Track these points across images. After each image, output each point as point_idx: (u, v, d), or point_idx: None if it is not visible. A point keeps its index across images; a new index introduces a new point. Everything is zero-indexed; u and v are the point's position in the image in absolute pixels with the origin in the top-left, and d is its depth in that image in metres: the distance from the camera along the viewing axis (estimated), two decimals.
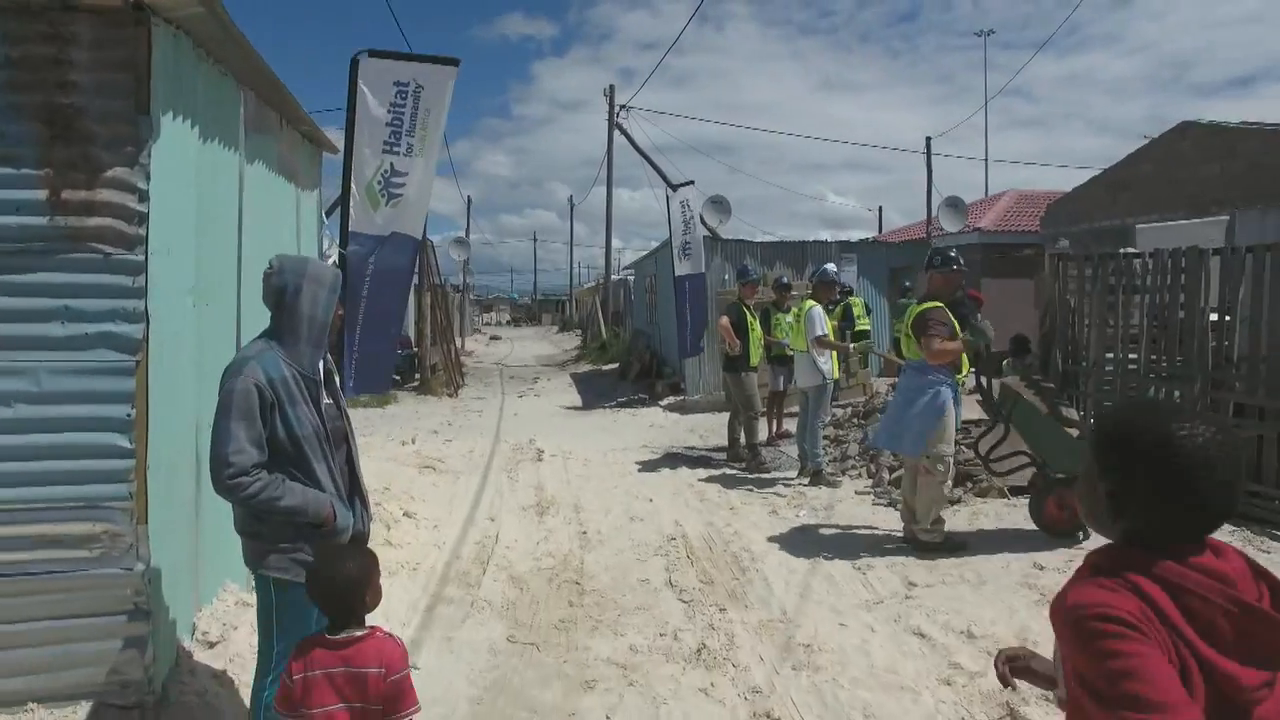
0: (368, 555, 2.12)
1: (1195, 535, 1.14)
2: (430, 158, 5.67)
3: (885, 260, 14.62)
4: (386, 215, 5.36)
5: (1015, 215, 18.72)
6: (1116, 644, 1.04)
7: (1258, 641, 1.06)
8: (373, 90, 5.54)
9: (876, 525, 5.86)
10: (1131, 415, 1.21)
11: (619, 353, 19.66)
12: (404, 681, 2.00)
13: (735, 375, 7.93)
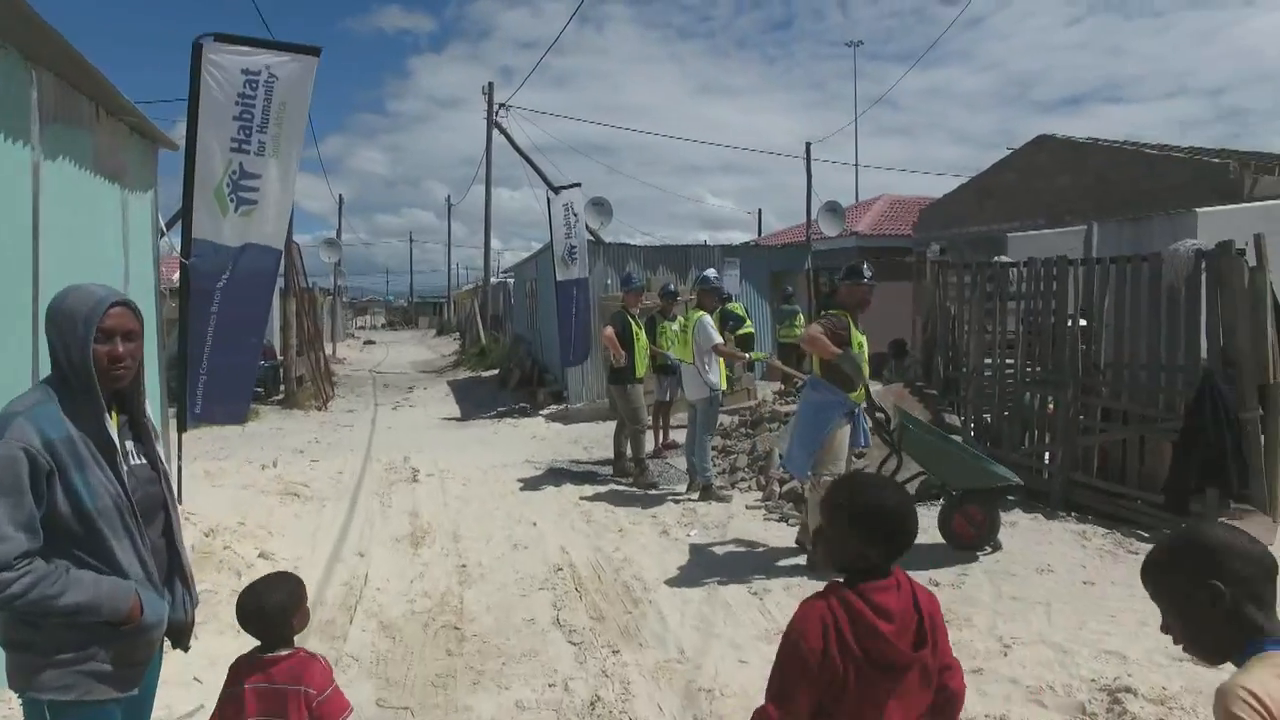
0: (295, 582, 2.26)
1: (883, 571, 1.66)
2: (289, 159, 5.09)
3: (767, 264, 14.74)
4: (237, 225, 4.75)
5: (889, 219, 19.39)
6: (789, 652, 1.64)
7: (884, 653, 1.58)
8: (218, 80, 4.92)
9: (769, 542, 5.70)
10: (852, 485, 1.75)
11: (499, 359, 19.08)
12: (332, 698, 2.15)
13: (620, 387, 7.65)
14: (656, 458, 8.41)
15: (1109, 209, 12.19)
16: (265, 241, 4.76)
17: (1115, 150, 12.62)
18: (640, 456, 7.60)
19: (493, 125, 21.42)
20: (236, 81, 4.94)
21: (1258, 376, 5.28)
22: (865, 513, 1.64)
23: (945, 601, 4.44)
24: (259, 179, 4.98)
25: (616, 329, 7.64)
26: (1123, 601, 4.34)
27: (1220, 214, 6.87)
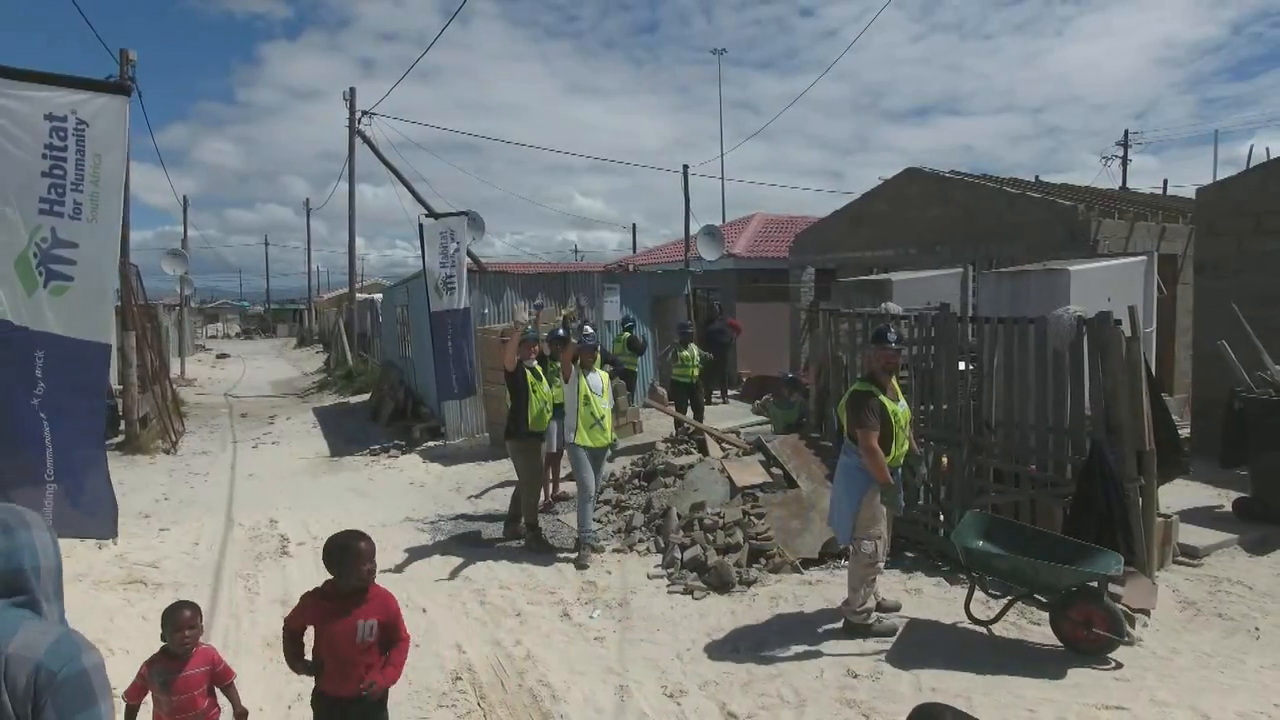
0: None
1: None
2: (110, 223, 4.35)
3: (647, 290, 14.58)
4: (51, 306, 4.01)
5: (765, 241, 19.72)
6: None
7: None
8: (18, 127, 4.15)
9: (676, 622, 5.45)
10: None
11: (368, 383, 18.06)
12: None
13: (514, 443, 7.20)
14: (546, 512, 8.03)
15: (975, 239, 12.78)
16: (86, 334, 4.05)
17: (978, 186, 13.26)
18: (533, 521, 7.18)
19: (355, 134, 20.28)
20: (42, 130, 4.17)
21: (1136, 444, 5.50)
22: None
23: (865, 698, 4.36)
24: (76, 248, 4.23)
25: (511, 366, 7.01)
26: (1037, 690, 4.36)
27: (1088, 272, 7.20)
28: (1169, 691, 4.26)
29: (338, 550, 3.12)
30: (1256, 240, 9.56)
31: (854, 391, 5.10)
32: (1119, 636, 4.59)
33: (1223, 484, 7.65)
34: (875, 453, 4.80)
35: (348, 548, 3.10)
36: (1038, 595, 4.87)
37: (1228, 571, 6.01)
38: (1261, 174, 9.88)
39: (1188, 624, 5.20)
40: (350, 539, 3.14)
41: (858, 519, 4.95)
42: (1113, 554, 4.77)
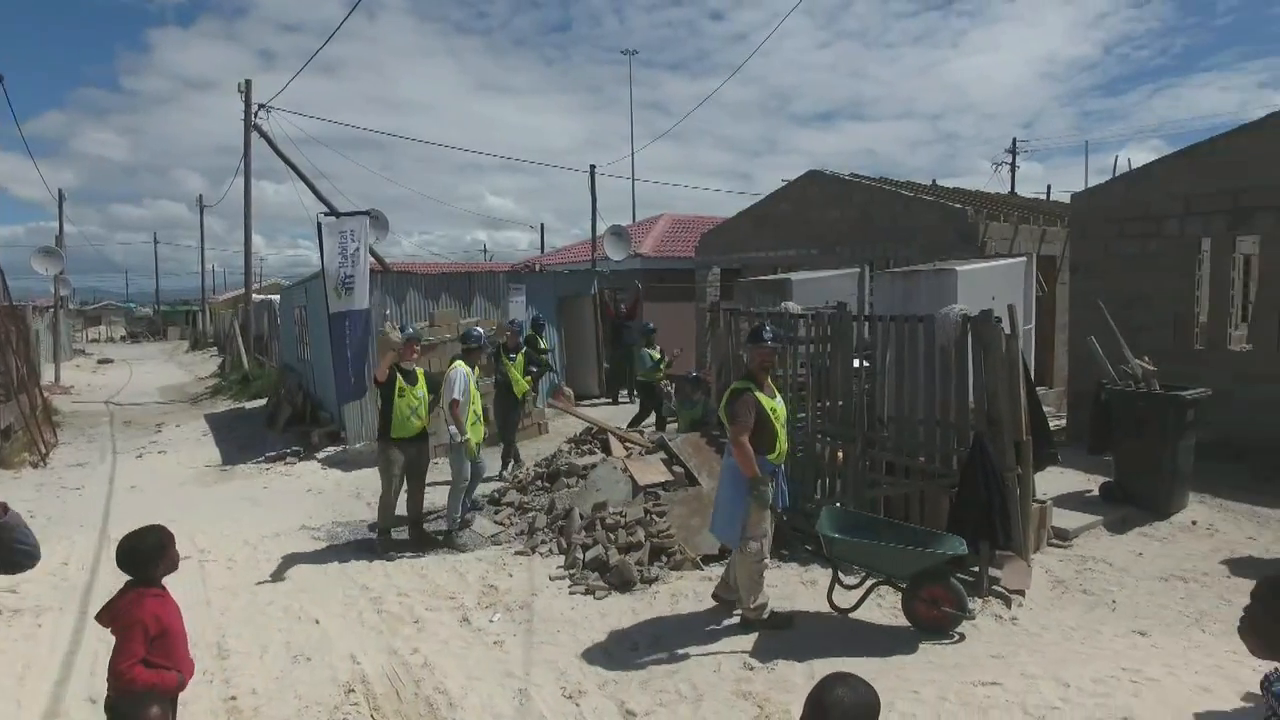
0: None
1: None
2: None
3: (553, 290, 14.50)
4: None
5: (672, 241, 19.89)
6: None
7: None
8: None
9: (577, 623, 5.44)
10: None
11: (265, 388, 17.36)
12: None
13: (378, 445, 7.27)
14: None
15: (873, 240, 13.23)
16: None
17: (876, 189, 13.72)
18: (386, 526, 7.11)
19: (251, 128, 19.46)
20: None
21: (1015, 435, 5.80)
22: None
23: (760, 689, 4.45)
24: None
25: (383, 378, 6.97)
26: (922, 672, 4.54)
27: (974, 272, 7.55)
28: (1037, 665, 4.52)
29: (133, 549, 3.16)
30: (1120, 244, 10.22)
31: (732, 389, 5.21)
32: (964, 612, 4.93)
33: (1092, 470, 8.15)
34: (744, 447, 4.92)
35: (147, 545, 3.17)
36: (892, 580, 5.16)
37: (1093, 551, 6.42)
38: (1124, 183, 10.58)
39: (1057, 601, 5.52)
40: (143, 535, 3.20)
41: (748, 519, 5.02)
42: (955, 537, 5.15)
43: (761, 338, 5.23)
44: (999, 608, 5.41)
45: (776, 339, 5.38)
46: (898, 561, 5.03)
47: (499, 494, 8.26)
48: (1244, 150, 9.29)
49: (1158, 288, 9.87)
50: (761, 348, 5.21)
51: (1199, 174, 9.60)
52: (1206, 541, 6.73)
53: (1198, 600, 5.54)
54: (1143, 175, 10.41)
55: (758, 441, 5.02)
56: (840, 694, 1.87)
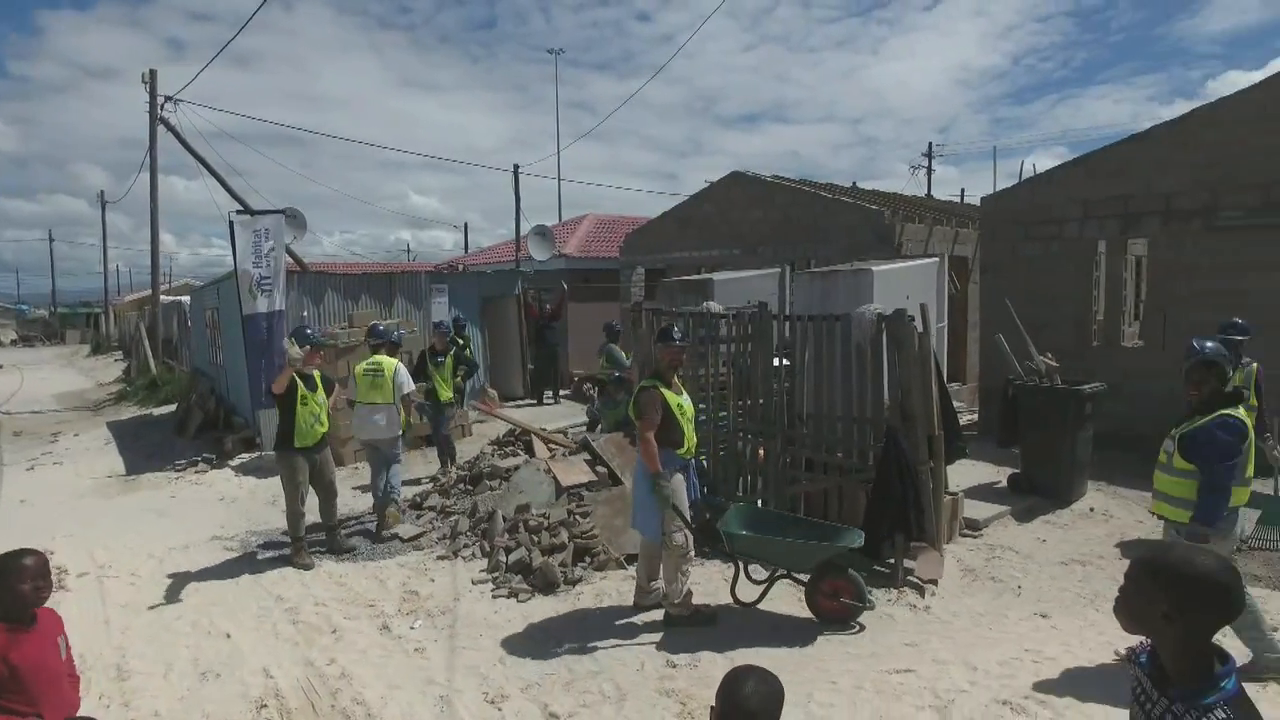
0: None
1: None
2: None
3: (477, 290, 14.33)
4: None
5: (596, 241, 19.87)
6: None
7: None
8: None
9: (500, 627, 5.38)
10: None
11: (174, 393, 16.64)
12: None
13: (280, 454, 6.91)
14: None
15: (795, 241, 13.49)
16: None
17: (797, 190, 14.00)
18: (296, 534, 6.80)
19: (156, 122, 18.60)
20: None
21: (927, 430, 6.00)
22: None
23: (683, 685, 4.49)
24: None
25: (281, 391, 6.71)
26: (840, 663, 4.65)
27: (890, 272, 7.78)
28: (948, 651, 4.69)
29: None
30: (1026, 245, 10.69)
31: (640, 387, 5.29)
32: (863, 603, 5.11)
33: (1001, 462, 8.50)
34: (648, 442, 5.02)
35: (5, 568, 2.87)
36: (794, 574, 5.28)
37: (1001, 539, 6.70)
38: (1029, 188, 11.07)
39: (967, 588, 5.73)
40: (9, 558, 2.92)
41: (664, 514, 5.09)
42: (854, 530, 5.33)
43: (670, 337, 5.32)
44: (913, 597, 5.59)
45: (685, 338, 5.47)
46: (793, 555, 5.18)
47: (421, 498, 8.11)
48: (1131, 159, 9.83)
49: (1059, 288, 10.36)
50: (670, 347, 5.30)
51: (1093, 180, 10.12)
52: (1103, 527, 7.10)
53: (1093, 582, 5.85)
54: (1045, 180, 10.91)
55: (665, 437, 5.11)
56: (751, 687, 1.92)
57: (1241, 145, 9.02)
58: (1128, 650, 1.91)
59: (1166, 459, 4.47)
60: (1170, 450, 4.43)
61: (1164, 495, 4.47)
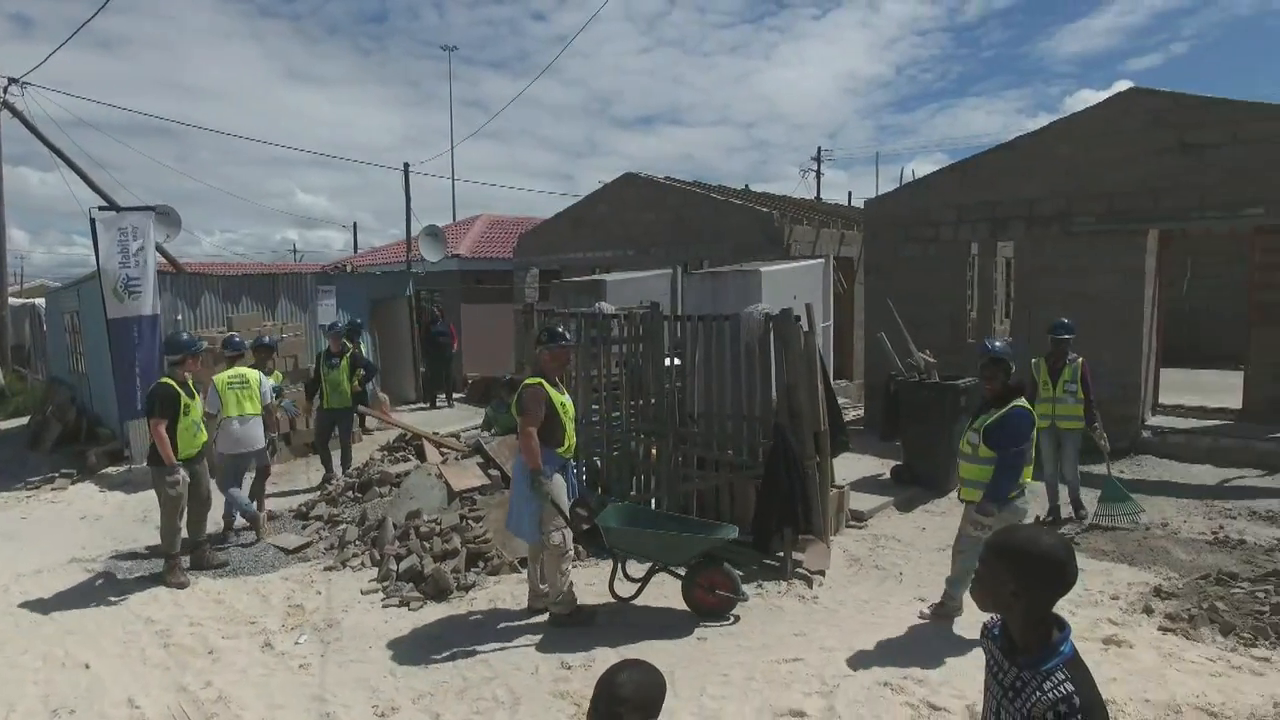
0: None
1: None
2: None
3: (366, 292, 13.88)
4: None
5: (490, 242, 19.59)
6: None
7: None
8: None
9: (391, 636, 5.23)
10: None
11: (27, 404, 15.39)
12: None
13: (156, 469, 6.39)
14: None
15: (687, 242, 13.69)
16: None
17: (689, 192, 14.20)
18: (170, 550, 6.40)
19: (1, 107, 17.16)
20: None
21: (813, 426, 6.20)
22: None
23: (577, 687, 4.47)
24: None
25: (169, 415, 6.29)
26: (731, 655, 4.74)
27: (777, 272, 8.00)
28: (835, 638, 4.87)
29: None
30: (906, 247, 11.21)
31: (524, 384, 5.27)
32: (738, 595, 5.23)
33: (885, 455, 8.88)
34: (530, 437, 5.02)
35: None
36: (671, 569, 5.37)
37: (885, 529, 7.00)
38: (909, 192, 11.60)
39: (854, 577, 5.96)
40: None
41: (542, 514, 5.08)
42: (728, 525, 5.46)
43: (555, 338, 5.33)
44: (802, 588, 5.76)
45: (569, 340, 5.49)
46: (668, 548, 5.27)
47: (307, 507, 7.80)
48: (999, 167, 10.47)
49: (937, 287, 10.91)
50: (555, 348, 5.30)
51: (966, 187, 10.71)
52: None
53: None
54: (923, 186, 11.46)
55: (547, 435, 5.11)
56: (625, 676, 1.96)
57: (1090, 158, 9.74)
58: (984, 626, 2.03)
59: (971, 450, 4.93)
60: (975, 442, 4.89)
61: (972, 482, 4.94)
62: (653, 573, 5.41)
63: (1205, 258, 16.50)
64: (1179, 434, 9.73)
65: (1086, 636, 4.92)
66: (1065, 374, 6.99)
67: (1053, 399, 7.01)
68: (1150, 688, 4.23)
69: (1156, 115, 9.43)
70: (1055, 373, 7.04)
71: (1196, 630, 4.90)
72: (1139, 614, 5.24)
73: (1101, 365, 9.44)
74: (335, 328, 9.63)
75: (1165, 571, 6.00)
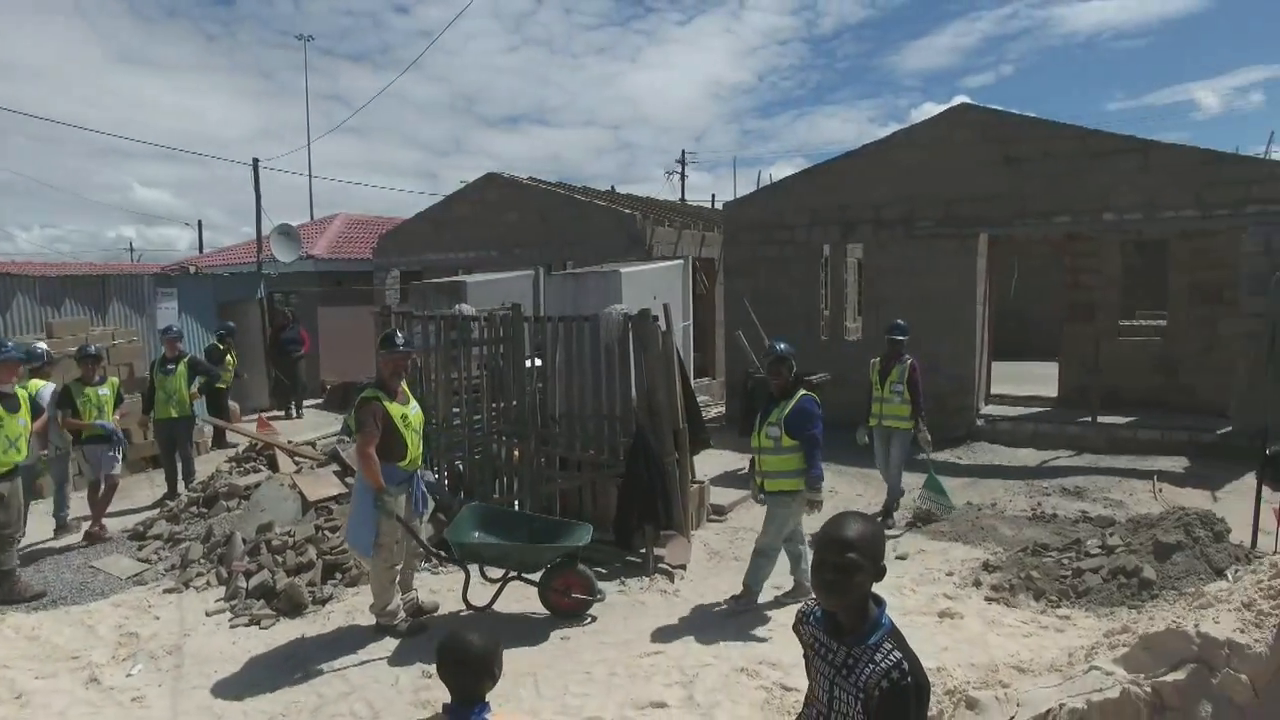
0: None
1: None
2: None
3: (212, 295, 13.08)
4: None
5: (348, 241, 18.87)
6: None
7: None
8: None
9: (239, 658, 4.96)
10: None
11: None
12: None
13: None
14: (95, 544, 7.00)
15: (551, 243, 13.67)
16: None
17: (553, 193, 14.20)
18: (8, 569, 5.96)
19: None
20: None
21: (672, 424, 6.35)
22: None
23: (439, 694, 4.40)
24: None
25: None
26: (594, 653, 4.80)
27: (638, 273, 8.13)
28: (696, 630, 5.04)
29: None
30: (764, 249, 11.65)
31: (360, 398, 5.04)
32: (594, 595, 5.28)
33: (745, 450, 9.17)
34: (368, 458, 4.85)
35: None
36: (524, 575, 5.35)
37: (744, 521, 7.26)
38: (766, 195, 12.07)
39: (714, 570, 6.15)
40: None
41: (380, 527, 4.93)
42: (584, 526, 5.46)
43: (393, 343, 5.10)
44: (664, 583, 5.90)
45: (409, 344, 5.29)
46: (521, 557, 5.25)
47: (144, 526, 7.26)
48: (848, 173, 11.07)
49: (792, 287, 11.40)
50: (393, 354, 5.08)
51: (819, 191, 11.25)
52: (830, 502, 7.87)
53: None
54: (779, 189, 11.95)
55: (387, 450, 4.95)
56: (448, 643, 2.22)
57: (928, 166, 10.47)
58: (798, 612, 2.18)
59: (773, 443, 5.25)
60: (776, 435, 5.22)
61: (775, 473, 5.29)
62: (507, 581, 5.38)
63: (1031, 261, 18.03)
64: (1007, 421, 10.61)
65: (925, 611, 5.30)
66: (893, 375, 7.15)
67: (881, 399, 7.22)
68: (975, 652, 4.60)
69: (983, 129, 10.24)
70: (885, 372, 7.23)
71: (1015, 598, 5.38)
72: (970, 587, 5.69)
73: (940, 360, 10.17)
74: (170, 331, 9.00)
75: (993, 547, 6.54)
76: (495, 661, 2.23)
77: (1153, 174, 9.38)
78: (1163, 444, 9.47)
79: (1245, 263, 9.12)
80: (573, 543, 5.26)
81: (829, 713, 2.00)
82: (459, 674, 2.18)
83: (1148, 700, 2.55)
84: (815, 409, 5.25)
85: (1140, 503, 7.72)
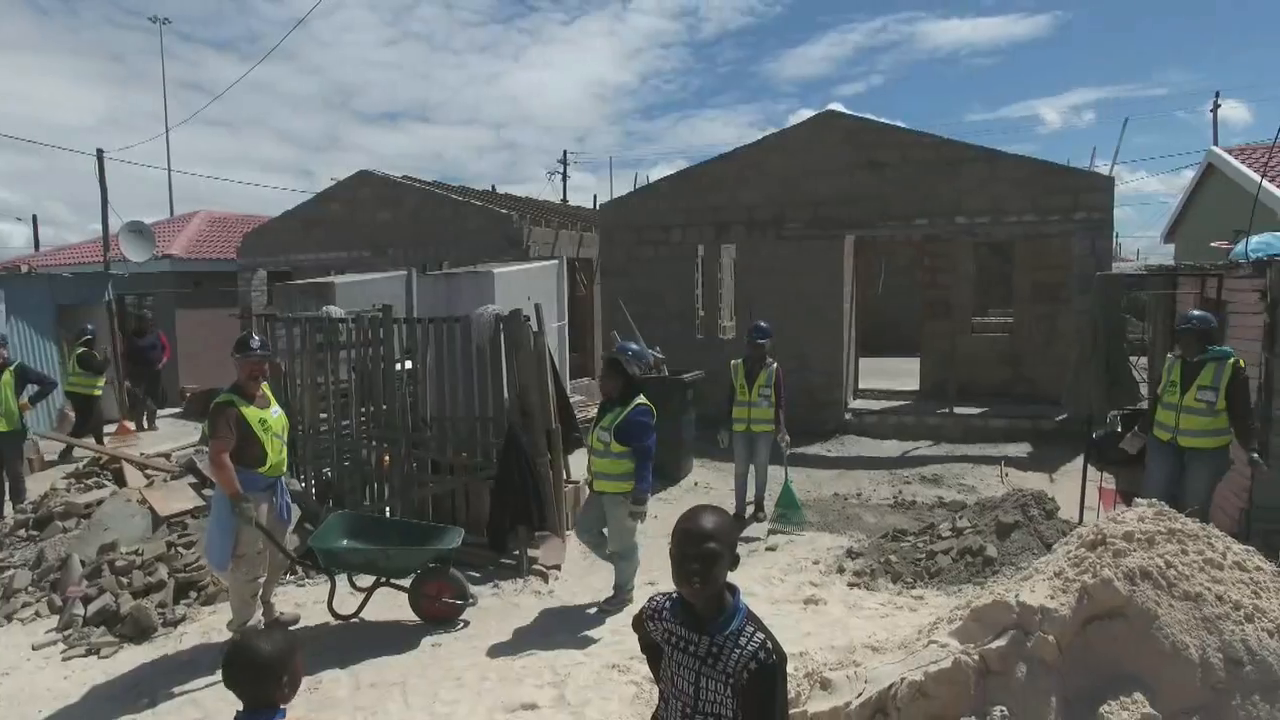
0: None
1: None
2: None
3: (50, 297, 12.06)
4: None
5: (209, 241, 17.84)
6: None
7: None
8: None
9: (70, 694, 4.59)
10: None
11: None
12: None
13: None
14: None
15: (425, 243, 13.36)
16: None
17: (428, 192, 13.87)
18: None
19: None
20: None
21: (545, 424, 6.33)
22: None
23: (304, 712, 4.22)
24: None
25: None
26: (466, 658, 4.72)
27: (511, 274, 8.05)
28: (568, 630, 5.03)
29: None
30: (640, 249, 11.78)
31: (214, 403, 4.87)
32: (465, 599, 5.22)
33: None
34: (223, 466, 4.69)
35: None
36: (394, 581, 5.24)
37: None
38: (641, 197, 12.20)
39: (589, 569, 6.16)
40: None
41: (239, 538, 4.74)
42: (454, 530, 5.37)
43: (249, 347, 4.92)
44: (538, 584, 5.87)
45: (266, 348, 5.08)
46: (389, 563, 5.13)
47: None
48: (722, 175, 11.33)
49: (668, 288, 11.57)
50: (249, 358, 4.90)
51: (693, 192, 11.46)
52: (704, 498, 8.08)
53: None
54: (653, 191, 12.10)
55: (244, 456, 4.77)
56: (246, 645, 2.16)
57: (798, 170, 10.86)
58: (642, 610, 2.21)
59: (604, 447, 5.32)
60: (606, 440, 5.29)
61: (605, 475, 5.32)
62: (375, 587, 5.24)
63: (897, 261, 18.99)
64: (873, 414, 11.13)
65: (791, 599, 5.49)
66: (760, 379, 7.16)
67: (749, 403, 7.20)
68: (836, 635, 4.81)
69: (849, 135, 10.71)
70: (751, 376, 7.21)
71: (875, 581, 5.66)
72: (834, 574, 5.94)
73: (810, 357, 10.57)
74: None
75: (857, 535, 6.85)
76: (287, 666, 2.13)
77: (998, 182, 10.07)
78: (1010, 431, 10.19)
79: (1075, 264, 9.94)
80: (442, 547, 5.16)
81: (696, 703, 2.01)
82: (246, 680, 2.10)
83: (975, 667, 2.74)
84: (648, 420, 5.26)
85: (989, 487, 8.27)
